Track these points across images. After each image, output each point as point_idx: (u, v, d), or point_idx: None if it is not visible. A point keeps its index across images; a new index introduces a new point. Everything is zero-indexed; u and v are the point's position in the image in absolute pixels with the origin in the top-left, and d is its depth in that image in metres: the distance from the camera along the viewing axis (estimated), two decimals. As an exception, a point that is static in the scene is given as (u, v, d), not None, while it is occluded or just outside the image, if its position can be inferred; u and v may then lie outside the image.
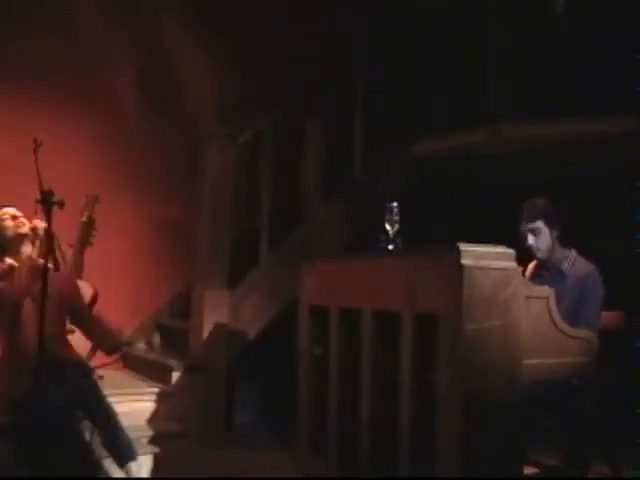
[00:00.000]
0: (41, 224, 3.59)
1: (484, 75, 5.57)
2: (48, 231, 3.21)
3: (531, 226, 3.74)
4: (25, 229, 3.73)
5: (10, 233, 3.71)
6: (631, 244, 4.40)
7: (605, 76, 4.93)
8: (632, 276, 4.32)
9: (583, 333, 3.20)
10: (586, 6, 5.19)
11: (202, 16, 6.07)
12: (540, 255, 3.77)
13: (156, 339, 3.87)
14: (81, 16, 5.65)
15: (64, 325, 3.76)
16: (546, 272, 3.79)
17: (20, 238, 3.74)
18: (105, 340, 3.88)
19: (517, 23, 5.44)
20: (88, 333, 3.84)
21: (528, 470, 3.42)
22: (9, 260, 3.71)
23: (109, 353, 3.94)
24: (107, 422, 3.64)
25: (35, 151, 3.24)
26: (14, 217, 3.73)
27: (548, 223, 3.73)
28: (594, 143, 4.95)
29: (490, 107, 5.50)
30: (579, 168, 5.07)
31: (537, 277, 3.79)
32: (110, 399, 3.70)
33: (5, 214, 3.74)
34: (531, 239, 3.75)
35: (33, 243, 3.77)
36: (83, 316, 3.85)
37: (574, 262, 3.75)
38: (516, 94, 5.38)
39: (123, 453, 3.65)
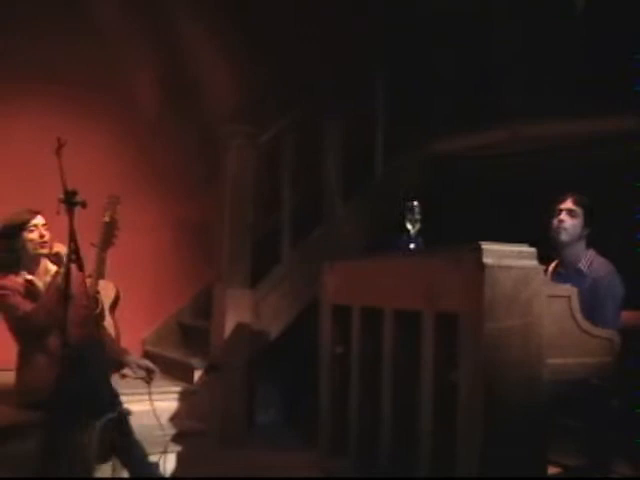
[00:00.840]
0: (63, 249, 3.63)
1: (503, 74, 5.55)
2: (71, 231, 3.23)
3: (571, 207, 3.77)
4: (45, 251, 3.77)
5: (31, 250, 3.75)
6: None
7: (626, 74, 4.89)
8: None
9: (606, 332, 3.18)
10: (605, 4, 5.16)
11: (223, 16, 6.08)
12: (563, 237, 3.77)
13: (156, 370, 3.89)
14: (102, 16, 5.67)
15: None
16: (563, 270, 3.77)
17: (39, 258, 3.80)
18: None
19: (535, 21, 5.42)
20: None
21: (549, 470, 3.40)
22: (28, 276, 3.75)
23: None
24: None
25: (58, 151, 3.27)
26: (41, 235, 3.75)
27: (585, 215, 3.75)
28: (616, 141, 4.92)
29: (509, 106, 5.48)
30: (597, 167, 5.04)
31: (556, 275, 3.77)
32: (132, 398, 3.72)
33: (33, 226, 3.76)
34: (565, 216, 3.76)
35: (55, 264, 3.81)
36: None
37: (592, 262, 3.73)
38: (535, 93, 5.36)
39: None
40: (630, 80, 4.79)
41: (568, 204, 3.80)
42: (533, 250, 2.94)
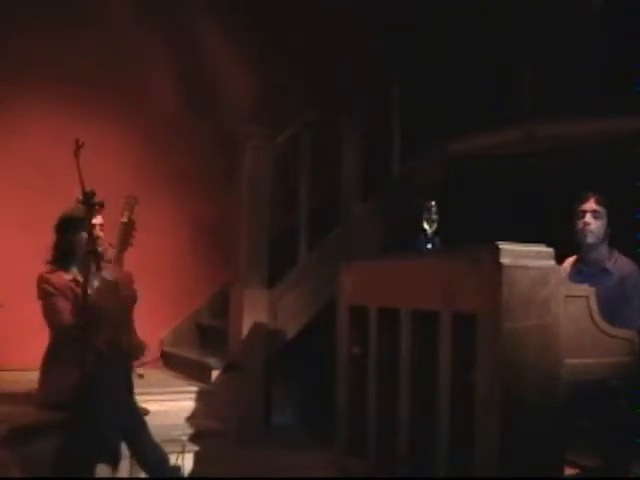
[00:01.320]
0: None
1: (518, 73, 5.54)
2: (89, 232, 3.26)
3: (596, 207, 3.76)
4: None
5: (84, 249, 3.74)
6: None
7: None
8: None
9: (625, 333, 3.16)
10: (621, 5, 5.13)
11: (241, 17, 6.10)
12: (590, 239, 3.76)
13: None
14: (118, 14, 5.71)
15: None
16: (585, 268, 3.75)
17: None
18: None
19: (551, 21, 5.40)
20: None
21: (567, 471, 3.38)
22: (77, 276, 3.74)
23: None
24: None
25: (76, 152, 3.29)
26: (97, 236, 3.72)
27: (609, 215, 3.73)
28: (630, 141, 4.89)
29: (525, 106, 5.46)
30: (613, 167, 5.01)
31: (576, 273, 3.76)
32: (149, 397, 3.73)
33: (97, 229, 3.74)
34: (590, 218, 3.74)
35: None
36: None
37: (617, 260, 3.72)
38: (550, 93, 5.34)
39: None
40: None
41: (592, 205, 3.78)
42: (550, 250, 2.94)
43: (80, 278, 3.69)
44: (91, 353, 3.40)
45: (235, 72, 6.14)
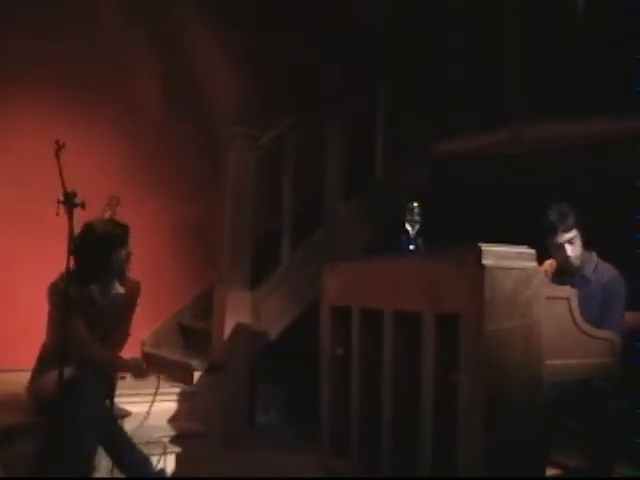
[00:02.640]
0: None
1: (505, 75, 5.56)
2: (70, 232, 3.24)
3: (568, 236, 3.67)
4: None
5: (115, 268, 3.74)
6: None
7: (626, 76, 4.89)
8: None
9: (605, 334, 3.18)
10: (605, 7, 5.16)
11: (224, 17, 6.08)
12: (577, 263, 3.71)
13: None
14: (103, 16, 5.68)
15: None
16: (569, 278, 3.70)
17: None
18: None
19: (537, 23, 5.42)
20: None
21: (550, 471, 3.40)
22: (94, 293, 3.72)
23: None
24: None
25: (57, 153, 3.27)
26: (128, 255, 3.75)
27: (579, 229, 3.68)
28: (614, 143, 4.92)
29: (511, 107, 5.48)
30: (597, 168, 5.04)
31: (557, 279, 3.75)
32: (132, 399, 3.72)
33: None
34: (569, 249, 3.67)
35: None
36: None
37: (596, 266, 3.71)
38: (536, 94, 5.36)
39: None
40: (633, 81, 4.79)
41: (563, 236, 3.66)
42: (533, 252, 2.95)
43: (96, 294, 3.68)
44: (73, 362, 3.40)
45: (220, 73, 6.12)
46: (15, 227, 5.15)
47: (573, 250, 3.68)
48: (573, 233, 3.67)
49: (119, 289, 3.71)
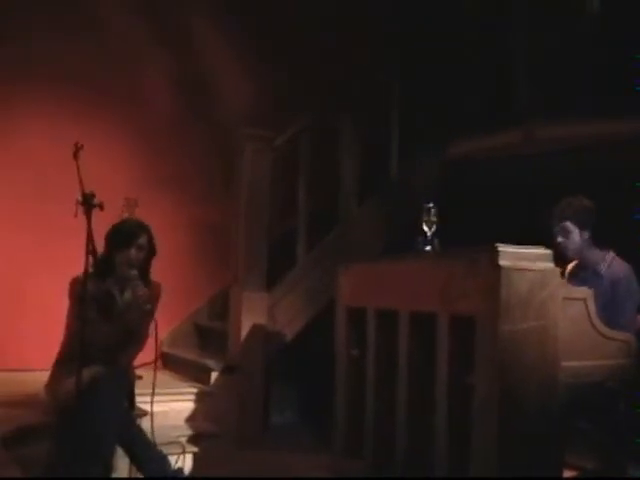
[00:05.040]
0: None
1: (517, 75, 5.55)
2: (89, 233, 3.26)
3: (561, 225, 3.76)
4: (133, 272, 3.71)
5: (118, 270, 3.70)
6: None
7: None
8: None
9: (622, 335, 3.17)
10: (618, 6, 5.14)
11: (238, 18, 6.10)
12: (569, 254, 3.76)
13: None
14: (116, 15, 5.71)
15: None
16: (581, 272, 3.76)
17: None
18: None
19: (549, 23, 5.41)
20: None
21: (565, 473, 3.39)
22: (112, 289, 3.72)
23: None
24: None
25: (76, 155, 3.30)
26: (137, 257, 3.73)
27: (578, 224, 3.74)
28: (628, 143, 4.90)
29: (523, 108, 5.47)
30: (611, 168, 5.02)
31: (574, 277, 3.76)
32: (149, 398, 3.73)
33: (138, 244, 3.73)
34: (560, 238, 3.75)
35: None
36: None
37: (610, 263, 3.71)
38: (549, 94, 5.35)
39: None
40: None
41: (558, 223, 3.78)
42: (549, 252, 2.94)
43: (114, 291, 3.69)
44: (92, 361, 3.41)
45: (234, 74, 6.14)
46: (26, 228, 5.17)
47: (564, 240, 3.73)
48: (566, 225, 3.75)
49: (142, 290, 3.69)
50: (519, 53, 5.55)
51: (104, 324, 3.60)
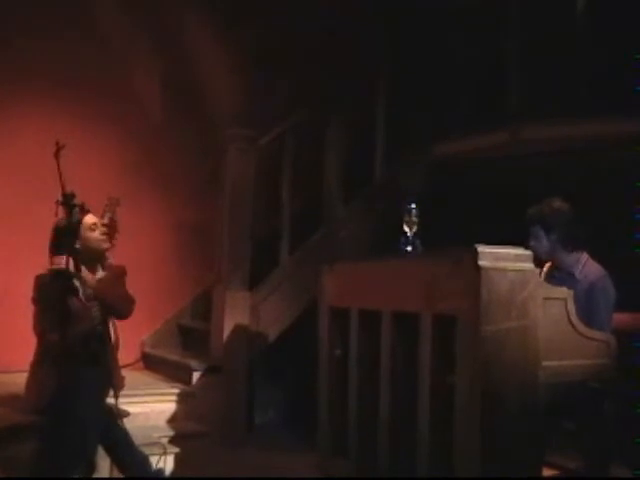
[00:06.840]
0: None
1: (504, 76, 5.56)
2: (71, 231, 3.25)
3: (530, 229, 3.79)
4: (107, 244, 3.70)
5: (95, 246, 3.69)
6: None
7: (625, 77, 4.89)
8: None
9: (602, 335, 3.19)
10: (606, 7, 5.16)
11: (224, 17, 6.09)
12: (541, 256, 3.77)
13: None
14: (104, 17, 5.69)
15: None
16: (558, 273, 3.77)
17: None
18: None
19: (537, 23, 5.42)
20: None
21: (547, 472, 3.40)
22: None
23: None
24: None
25: (57, 154, 3.29)
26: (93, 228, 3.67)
27: (544, 228, 3.75)
28: (615, 144, 4.92)
29: (510, 108, 5.48)
30: (596, 169, 5.04)
31: (550, 278, 3.78)
32: (130, 399, 3.72)
33: (91, 223, 3.67)
34: (531, 241, 3.77)
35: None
36: None
37: (584, 266, 3.73)
38: (536, 95, 5.36)
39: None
40: (632, 82, 4.79)
41: (529, 228, 3.81)
42: (529, 253, 2.96)
43: (77, 285, 3.64)
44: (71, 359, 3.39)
45: (220, 74, 6.13)
46: (14, 228, 5.15)
47: (534, 244, 3.74)
48: (534, 229, 3.77)
49: (100, 274, 3.68)
50: (507, 54, 5.56)
51: (85, 311, 3.57)
